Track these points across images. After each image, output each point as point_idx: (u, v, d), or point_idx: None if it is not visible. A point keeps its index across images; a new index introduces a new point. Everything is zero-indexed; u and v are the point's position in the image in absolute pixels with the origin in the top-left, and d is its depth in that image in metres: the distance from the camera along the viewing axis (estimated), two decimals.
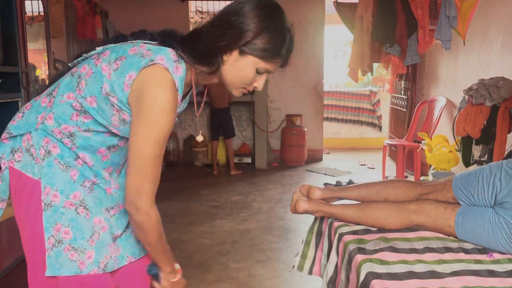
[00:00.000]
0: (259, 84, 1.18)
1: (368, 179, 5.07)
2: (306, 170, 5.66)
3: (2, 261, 2.32)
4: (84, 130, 1.14)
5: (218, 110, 5.35)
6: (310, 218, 3.25)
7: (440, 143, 3.79)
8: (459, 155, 3.48)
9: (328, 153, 6.77)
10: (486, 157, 3.36)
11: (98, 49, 1.17)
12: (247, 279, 2.53)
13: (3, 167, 1.20)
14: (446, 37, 3.45)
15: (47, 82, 3.00)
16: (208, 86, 1.36)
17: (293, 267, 2.14)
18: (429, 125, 4.71)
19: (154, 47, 1.14)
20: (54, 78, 1.25)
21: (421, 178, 3.96)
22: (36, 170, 1.14)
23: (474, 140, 3.27)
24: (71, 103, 1.12)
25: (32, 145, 1.14)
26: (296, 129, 5.95)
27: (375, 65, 5.23)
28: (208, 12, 6.32)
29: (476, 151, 3.39)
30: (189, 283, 2.48)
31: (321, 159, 6.34)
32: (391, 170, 5.14)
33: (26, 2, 2.70)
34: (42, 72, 2.96)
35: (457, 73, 4.41)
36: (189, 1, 6.15)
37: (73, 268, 1.11)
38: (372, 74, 5.24)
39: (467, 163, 3.38)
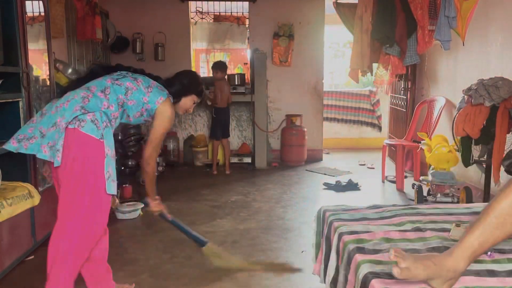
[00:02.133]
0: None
1: (367, 178, 5.08)
2: (306, 170, 5.67)
3: (2, 261, 2.32)
4: (118, 117, 2.13)
5: (220, 109, 5.37)
6: (310, 218, 3.25)
7: (440, 143, 3.80)
8: (459, 155, 3.49)
9: (328, 153, 6.78)
10: (485, 157, 3.37)
11: (124, 73, 2.22)
12: (247, 279, 2.53)
13: (76, 127, 1.92)
14: (446, 37, 3.46)
15: (47, 83, 3.00)
16: (217, 86, 2.79)
17: (313, 273, 2.12)
18: (428, 125, 4.71)
19: (162, 86, 2.28)
20: (78, 80, 2.19)
21: (421, 178, 3.97)
22: (99, 134, 1.94)
23: (473, 140, 3.28)
24: (119, 101, 2.09)
25: (96, 119, 1.96)
26: (296, 129, 5.96)
27: (375, 65, 5.24)
28: (208, 12, 6.33)
29: (476, 151, 3.40)
30: (189, 283, 2.49)
31: (321, 159, 6.35)
32: (391, 170, 5.15)
33: (26, 2, 2.70)
34: (42, 72, 2.97)
35: (456, 73, 4.42)
36: (189, 1, 6.16)
37: (112, 190, 2.00)
38: (371, 75, 5.24)
39: (466, 163, 3.39)
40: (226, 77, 5.56)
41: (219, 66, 5.29)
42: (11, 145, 1.97)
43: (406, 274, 1.18)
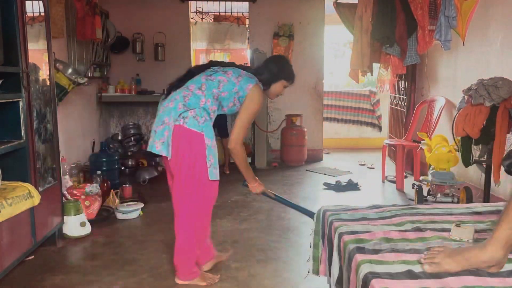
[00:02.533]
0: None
1: (367, 179, 5.08)
2: (306, 170, 5.67)
3: (2, 261, 2.33)
4: (215, 110, 2.38)
5: None
6: (310, 218, 3.23)
7: (440, 143, 3.80)
8: (459, 155, 3.49)
9: (328, 153, 6.78)
10: (485, 157, 3.37)
11: (216, 68, 2.46)
12: (247, 278, 2.53)
13: (181, 124, 2.24)
14: (446, 37, 3.46)
15: (47, 83, 3.00)
16: None
17: (308, 272, 2.13)
18: (428, 125, 4.71)
19: (251, 74, 2.46)
20: (178, 81, 2.46)
21: (421, 178, 3.97)
22: (200, 128, 2.25)
23: (473, 140, 3.28)
24: (214, 95, 2.34)
25: (197, 115, 2.26)
26: (296, 129, 5.96)
27: (376, 65, 5.24)
28: (208, 13, 6.33)
29: (476, 151, 3.40)
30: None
31: (321, 159, 6.35)
32: (391, 170, 5.15)
33: (26, 2, 2.70)
34: (43, 72, 2.96)
35: (456, 73, 4.42)
36: (189, 1, 6.16)
37: (213, 176, 2.31)
38: (371, 75, 5.25)
39: (466, 163, 3.39)
40: None
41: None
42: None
43: (437, 269, 1.33)
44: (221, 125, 5.45)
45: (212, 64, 2.50)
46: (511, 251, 1.32)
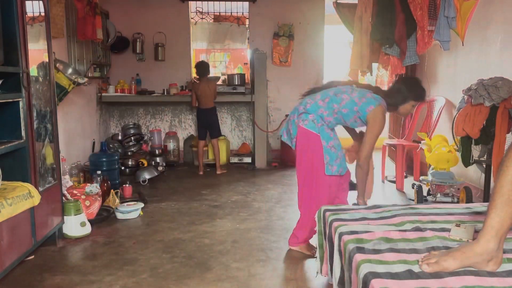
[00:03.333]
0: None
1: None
2: None
3: (2, 261, 2.33)
4: (332, 121, 2.70)
5: (204, 110, 5.34)
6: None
7: (440, 143, 3.80)
8: (459, 155, 3.49)
9: None
10: (485, 157, 3.37)
11: (347, 87, 2.76)
12: (247, 278, 2.53)
13: (300, 125, 2.70)
14: (445, 37, 3.45)
15: (47, 83, 3.00)
16: (195, 87, 3.14)
17: (317, 273, 2.14)
18: (428, 125, 4.71)
19: (378, 97, 2.68)
20: (313, 89, 2.88)
21: (421, 178, 3.97)
22: (316, 130, 2.66)
23: (473, 140, 3.28)
24: (334, 109, 2.68)
25: (315, 119, 2.67)
26: None
27: (375, 65, 5.24)
28: (208, 13, 6.33)
29: (476, 151, 3.40)
30: (189, 283, 2.49)
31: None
32: (391, 170, 5.15)
33: (27, 2, 2.70)
34: (45, 72, 2.96)
35: (456, 73, 4.42)
36: (189, 1, 6.16)
37: (329, 171, 2.69)
38: (371, 75, 5.24)
39: (466, 163, 3.39)
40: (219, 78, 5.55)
41: (202, 68, 5.23)
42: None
43: (435, 268, 1.34)
44: (211, 126, 5.43)
45: (349, 83, 2.89)
46: (503, 242, 1.34)
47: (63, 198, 3.27)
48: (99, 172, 4.10)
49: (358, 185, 2.76)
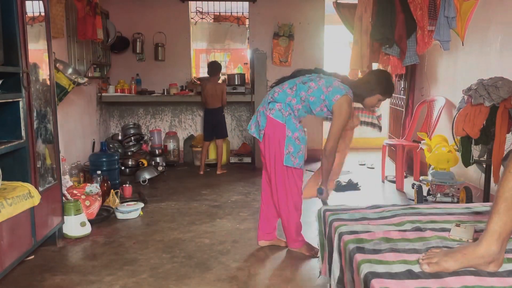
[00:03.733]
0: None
1: (367, 178, 5.08)
2: (306, 170, 5.64)
3: (2, 261, 2.33)
4: (300, 109, 2.69)
5: (211, 110, 5.34)
6: (310, 218, 3.25)
7: (440, 143, 3.80)
8: (459, 155, 3.49)
9: None
10: (485, 157, 3.37)
11: (314, 75, 2.76)
12: (247, 278, 2.53)
13: (268, 114, 2.67)
14: (445, 37, 3.46)
15: (47, 83, 3.00)
16: (202, 85, 3.21)
17: (320, 272, 2.13)
18: (428, 125, 4.71)
19: (345, 86, 2.68)
20: (282, 79, 2.87)
21: (421, 178, 3.97)
22: (283, 119, 2.63)
23: (473, 140, 3.28)
24: (301, 97, 2.66)
25: (282, 108, 2.65)
26: None
27: (375, 65, 5.24)
28: (208, 13, 6.33)
29: (476, 151, 3.40)
30: (189, 283, 2.49)
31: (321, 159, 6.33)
32: (391, 170, 5.15)
33: (26, 2, 2.70)
34: (43, 72, 2.96)
35: (456, 73, 4.42)
36: (189, 1, 6.16)
37: (290, 163, 2.67)
38: None
39: (466, 163, 3.39)
40: (224, 78, 5.54)
41: (212, 67, 5.24)
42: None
43: (435, 268, 1.34)
44: (217, 126, 5.42)
45: (314, 71, 2.85)
46: (506, 245, 1.34)
47: (63, 198, 3.27)
48: (99, 172, 4.10)
49: (323, 174, 2.74)
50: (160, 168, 5.33)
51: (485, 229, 1.33)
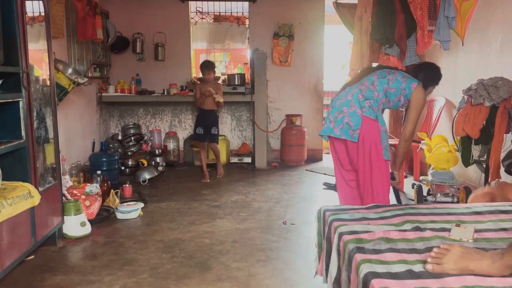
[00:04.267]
0: None
1: None
2: (306, 170, 5.67)
3: (2, 261, 2.33)
4: (384, 102, 2.76)
5: (204, 111, 5.07)
6: (310, 218, 3.25)
7: (440, 143, 3.80)
8: (459, 155, 3.49)
9: (328, 153, 6.77)
10: (485, 157, 3.37)
11: (385, 70, 2.87)
12: (247, 278, 2.53)
13: (361, 113, 2.63)
14: (445, 37, 3.45)
15: (47, 83, 3.00)
16: (199, 87, 2.77)
17: (316, 272, 2.12)
18: (428, 125, 4.71)
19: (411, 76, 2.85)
20: (361, 75, 2.90)
21: (421, 178, 3.97)
22: (374, 115, 2.64)
23: (473, 140, 3.28)
24: (384, 90, 2.73)
25: (371, 105, 2.66)
26: (296, 129, 5.96)
27: (375, 65, 5.24)
28: (208, 13, 6.33)
29: (475, 151, 3.40)
30: (189, 283, 2.49)
31: (321, 159, 6.35)
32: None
33: (26, 2, 2.70)
34: (42, 72, 2.96)
35: (456, 73, 4.42)
36: (189, 1, 6.16)
37: (387, 157, 2.66)
38: None
39: (466, 163, 3.39)
40: (219, 77, 5.43)
41: (206, 66, 5.01)
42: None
43: (438, 271, 1.34)
44: (210, 129, 5.11)
45: (380, 67, 2.96)
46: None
47: (63, 198, 3.27)
48: (99, 172, 4.10)
49: (398, 157, 2.89)
50: (160, 168, 5.34)
51: (503, 256, 1.31)
